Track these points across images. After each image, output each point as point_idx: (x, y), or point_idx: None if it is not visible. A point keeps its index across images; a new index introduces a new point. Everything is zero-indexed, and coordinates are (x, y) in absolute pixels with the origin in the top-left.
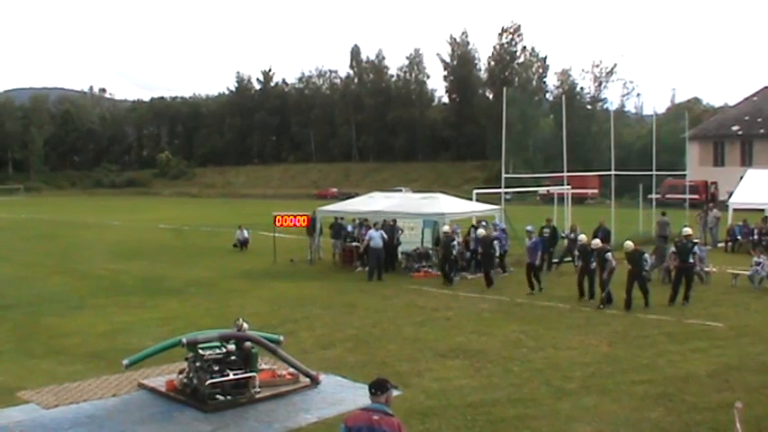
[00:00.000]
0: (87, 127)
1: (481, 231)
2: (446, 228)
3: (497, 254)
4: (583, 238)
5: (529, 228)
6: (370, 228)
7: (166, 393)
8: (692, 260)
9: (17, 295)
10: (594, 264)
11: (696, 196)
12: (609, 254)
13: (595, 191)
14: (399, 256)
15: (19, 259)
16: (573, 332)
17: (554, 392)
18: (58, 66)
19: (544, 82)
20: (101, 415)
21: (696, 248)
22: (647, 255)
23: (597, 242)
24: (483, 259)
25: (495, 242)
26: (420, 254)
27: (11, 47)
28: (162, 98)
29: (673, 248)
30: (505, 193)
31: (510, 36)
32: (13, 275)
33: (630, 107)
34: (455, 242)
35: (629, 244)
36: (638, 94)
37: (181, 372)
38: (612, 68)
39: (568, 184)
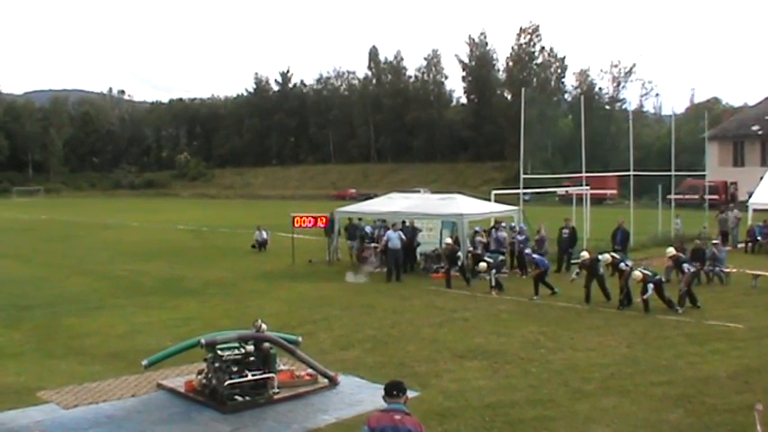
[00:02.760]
0: (106, 128)
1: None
2: (448, 240)
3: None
4: (585, 255)
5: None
6: (388, 228)
7: (185, 394)
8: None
9: (37, 296)
10: (602, 271)
11: (716, 197)
12: (623, 264)
13: (614, 191)
14: (418, 257)
15: (39, 260)
16: (591, 333)
17: (572, 394)
18: (77, 68)
19: (563, 82)
20: (120, 415)
21: (715, 249)
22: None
23: (585, 254)
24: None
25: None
26: (438, 255)
27: (30, 49)
28: (180, 100)
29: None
30: (524, 193)
31: (528, 36)
32: (34, 276)
33: (649, 107)
34: (459, 253)
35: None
36: (657, 95)
37: (200, 372)
38: (631, 68)
39: (587, 185)
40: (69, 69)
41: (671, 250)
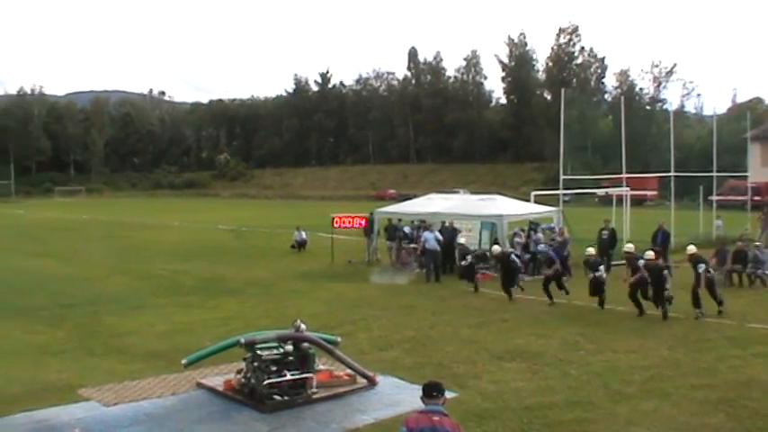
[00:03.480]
0: (147, 129)
1: (496, 248)
2: (497, 247)
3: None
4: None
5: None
6: (427, 229)
7: (224, 393)
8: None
9: (79, 295)
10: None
11: (758, 198)
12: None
13: (654, 192)
14: (457, 258)
15: (80, 259)
16: (632, 335)
17: (612, 396)
18: (118, 69)
19: (602, 82)
20: (159, 413)
21: (757, 251)
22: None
23: (630, 247)
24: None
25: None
26: (477, 255)
27: (73, 51)
28: (220, 100)
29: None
30: (563, 194)
31: (568, 36)
32: (75, 275)
33: (690, 107)
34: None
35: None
36: (699, 95)
37: (239, 372)
38: (672, 68)
39: (627, 186)
40: (110, 71)
41: (691, 248)
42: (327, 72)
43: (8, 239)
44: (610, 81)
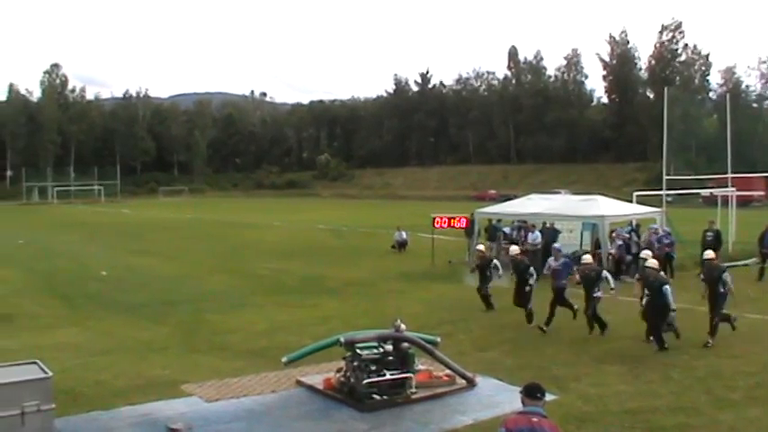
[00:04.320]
0: (248, 130)
1: (514, 248)
2: (588, 257)
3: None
4: (710, 254)
5: (556, 246)
6: (528, 230)
7: (324, 391)
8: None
9: (182, 292)
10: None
11: None
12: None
13: (762, 193)
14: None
15: (184, 258)
16: (736, 340)
17: (716, 402)
18: (220, 71)
19: (707, 80)
20: (260, 410)
21: None
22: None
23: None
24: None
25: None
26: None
27: (176, 55)
28: (321, 101)
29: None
30: (667, 195)
31: (671, 34)
32: (179, 274)
33: None
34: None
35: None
36: None
37: (338, 370)
38: None
39: (733, 186)
40: (213, 73)
41: (709, 253)
42: (427, 72)
43: (114, 238)
44: (714, 79)
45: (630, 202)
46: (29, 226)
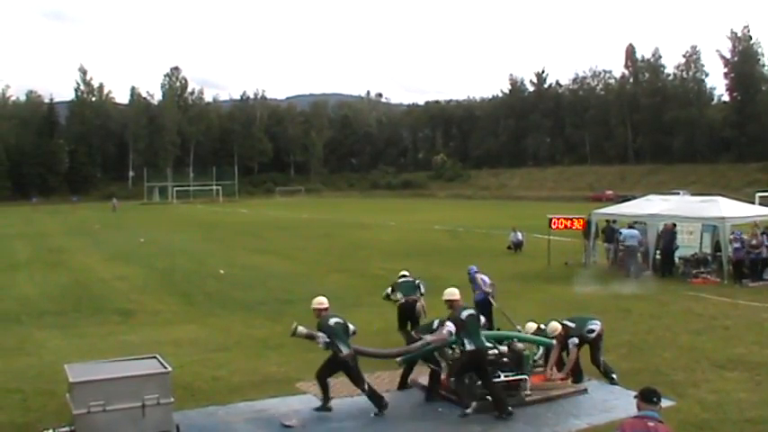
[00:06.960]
0: (364, 130)
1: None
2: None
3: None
4: None
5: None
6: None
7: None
8: None
9: (298, 291)
10: None
11: None
12: None
13: None
14: (677, 260)
15: (301, 257)
16: None
17: None
18: (336, 73)
19: None
20: (373, 409)
21: None
22: None
23: None
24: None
25: None
26: (698, 259)
27: (292, 57)
28: (437, 102)
29: None
30: None
31: None
32: (296, 272)
33: None
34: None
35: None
36: None
37: None
38: None
39: None
40: (328, 75)
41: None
42: (543, 72)
43: (232, 237)
44: None
45: (752, 203)
46: (149, 225)
